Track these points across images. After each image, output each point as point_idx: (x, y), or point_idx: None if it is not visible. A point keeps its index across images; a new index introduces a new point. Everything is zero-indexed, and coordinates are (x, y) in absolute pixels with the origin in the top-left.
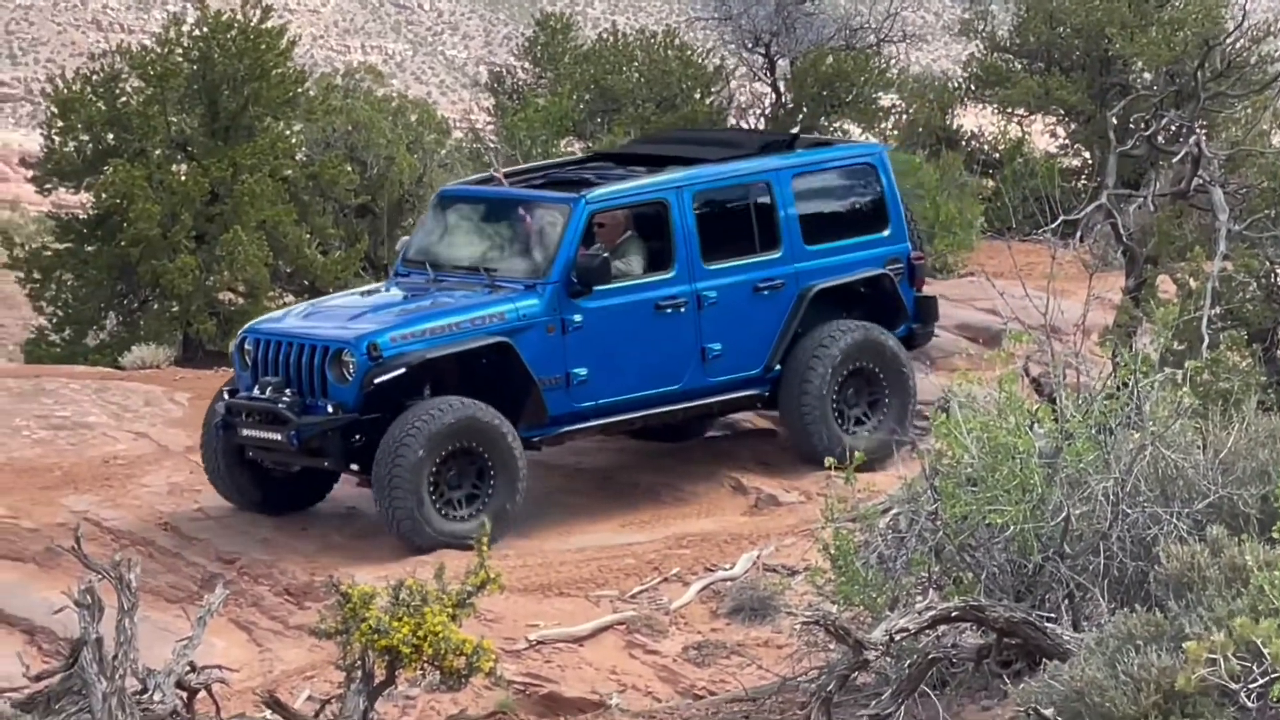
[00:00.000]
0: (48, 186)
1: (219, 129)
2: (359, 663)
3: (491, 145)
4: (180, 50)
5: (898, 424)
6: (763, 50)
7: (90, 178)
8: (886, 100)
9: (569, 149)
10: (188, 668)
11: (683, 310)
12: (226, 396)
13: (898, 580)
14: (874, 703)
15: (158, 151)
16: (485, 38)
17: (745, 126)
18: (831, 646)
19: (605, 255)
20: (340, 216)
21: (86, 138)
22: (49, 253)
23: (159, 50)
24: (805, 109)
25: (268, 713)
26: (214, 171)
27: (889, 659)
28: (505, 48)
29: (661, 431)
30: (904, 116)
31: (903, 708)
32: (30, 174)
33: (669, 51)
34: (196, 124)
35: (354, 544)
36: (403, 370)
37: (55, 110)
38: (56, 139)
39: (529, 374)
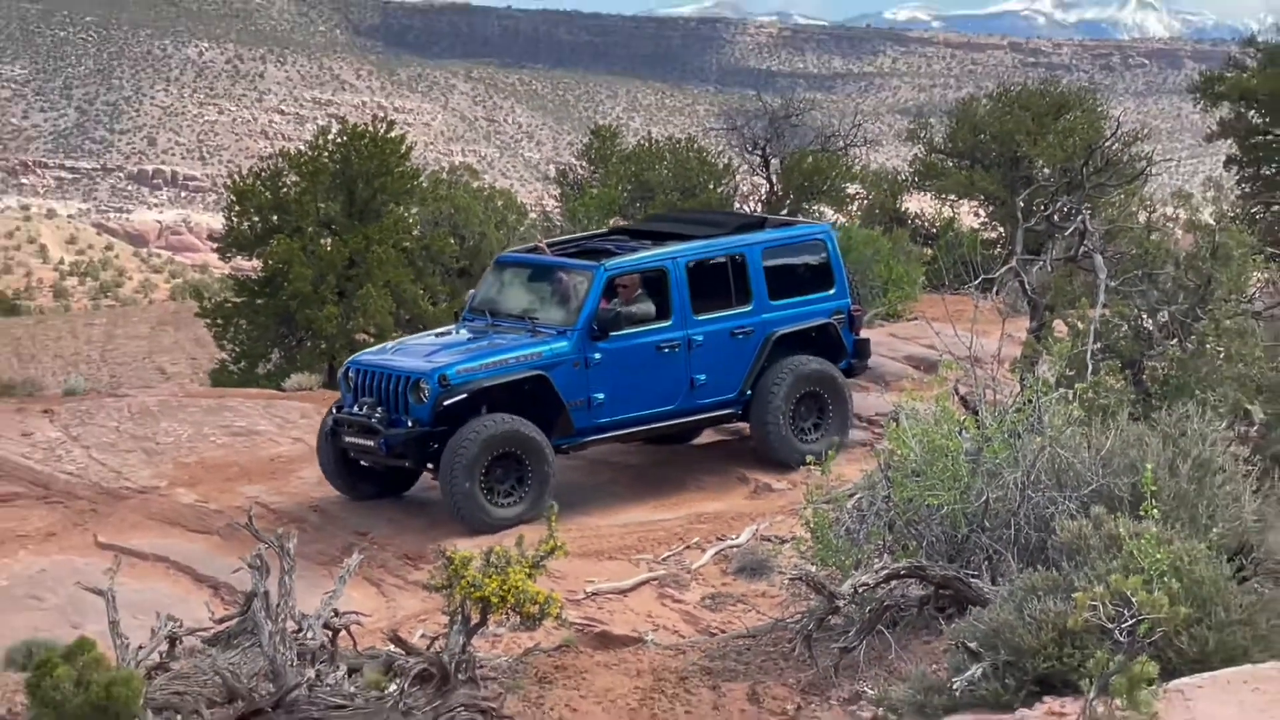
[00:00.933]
0: (228, 255)
1: (355, 211)
2: (459, 609)
3: (557, 224)
4: (327, 154)
5: (839, 432)
6: (760, 152)
7: (259, 248)
8: (852, 189)
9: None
10: (332, 613)
11: (677, 350)
12: (334, 412)
13: (860, 547)
14: (843, 638)
15: (310, 229)
16: (554, 143)
17: (746, 209)
18: (811, 597)
19: (617, 311)
20: (445, 277)
21: (257, 219)
22: (229, 304)
23: (311, 154)
24: (791, 195)
25: (391, 646)
26: (351, 244)
27: (854, 606)
28: (568, 151)
29: (662, 439)
30: (865, 201)
31: (864, 642)
32: (215, 245)
33: (690, 153)
34: (338, 208)
35: (455, 523)
36: (465, 395)
37: (234, 198)
38: (234, 219)
39: (559, 398)
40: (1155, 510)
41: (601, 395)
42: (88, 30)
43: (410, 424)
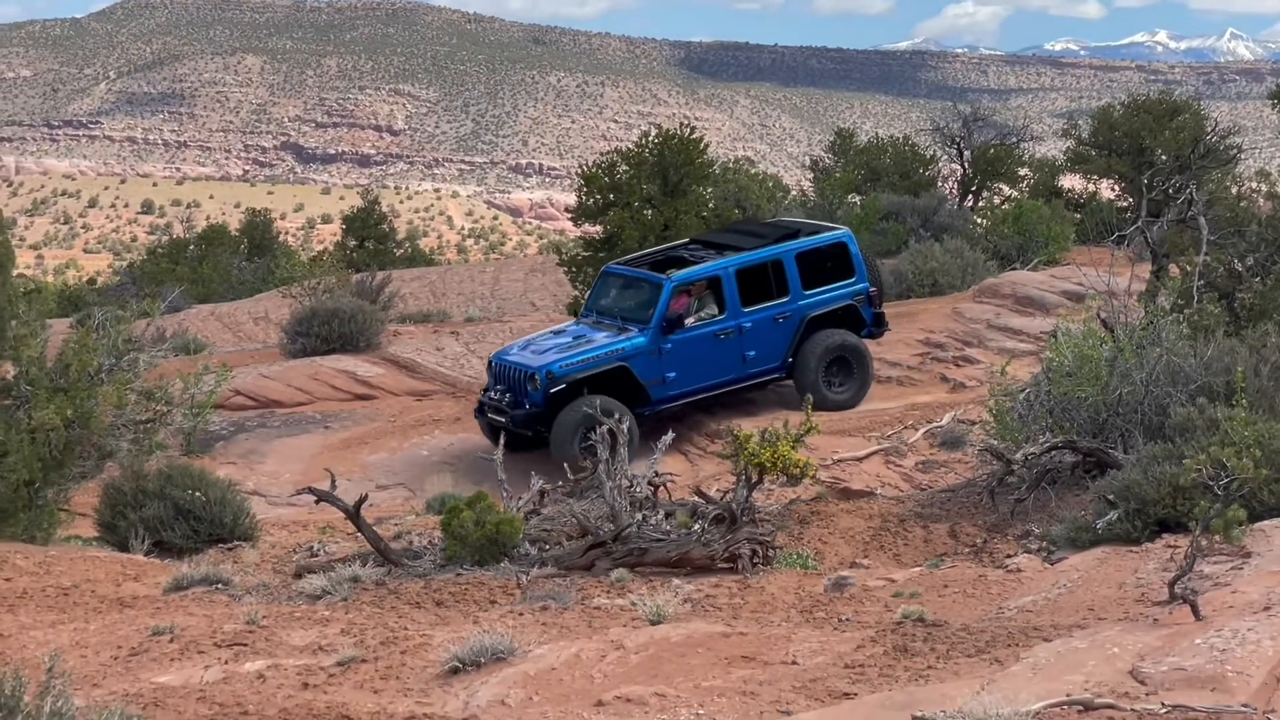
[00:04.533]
0: (579, 222)
1: (668, 191)
2: (743, 472)
3: (810, 199)
4: (648, 150)
5: (862, 384)
6: (956, 146)
7: (601, 218)
8: (1023, 171)
9: (851, 200)
10: (654, 473)
11: (731, 336)
12: (481, 394)
13: (1029, 427)
14: (1016, 492)
15: (636, 204)
16: (808, 141)
17: (945, 188)
18: (993, 463)
19: (680, 314)
20: None
21: (599, 196)
22: (580, 257)
23: (637, 150)
24: (979, 177)
25: (695, 497)
26: (665, 214)
27: (1024, 469)
28: (819, 146)
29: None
30: (1031, 180)
31: (1031, 495)
32: (570, 216)
33: (906, 147)
34: (656, 189)
35: (742, 407)
36: (565, 385)
37: (583, 182)
38: (583, 197)
39: (638, 381)
40: (1244, 400)
41: (673, 374)
42: (480, 64)
43: (528, 407)
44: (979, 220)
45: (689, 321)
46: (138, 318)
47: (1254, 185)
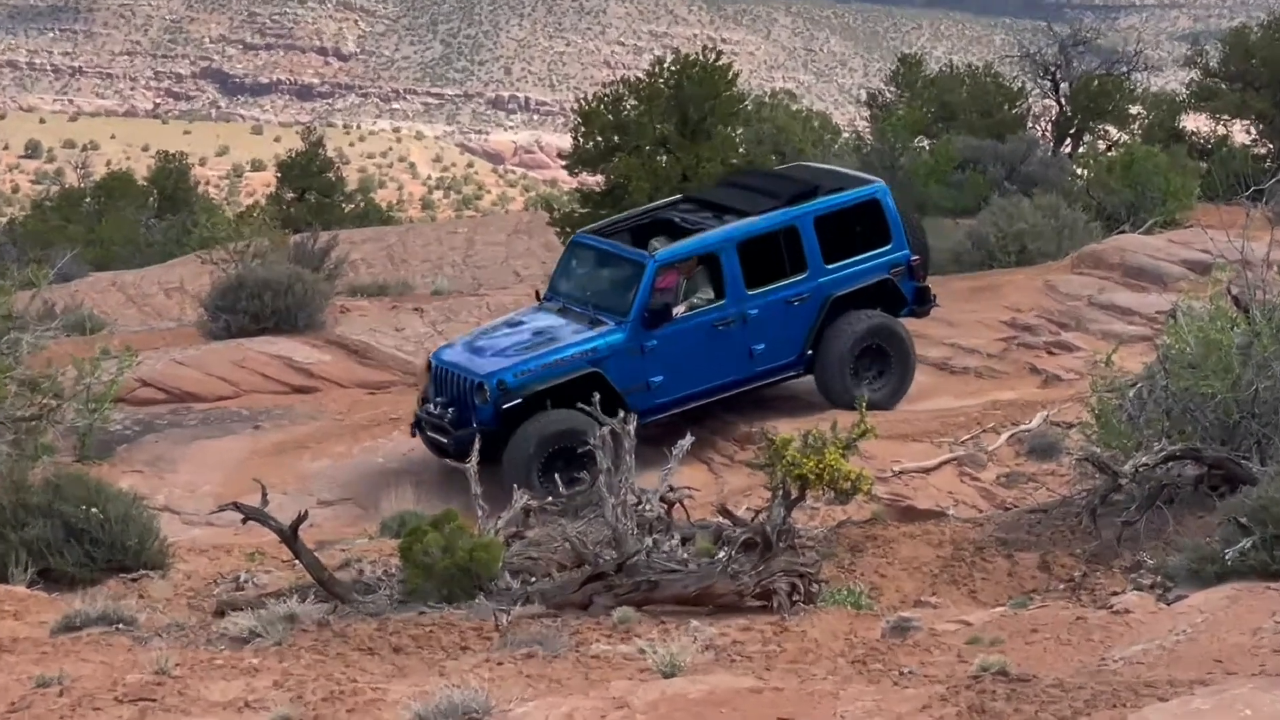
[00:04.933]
0: (575, 171)
1: (688, 132)
2: (780, 485)
3: (869, 143)
4: (662, 80)
5: (901, 378)
6: (1050, 77)
7: (603, 165)
8: (1134, 110)
9: (920, 145)
10: (668, 488)
11: (732, 326)
12: (418, 404)
13: (1140, 431)
14: (1124, 513)
15: (647, 147)
16: (864, 70)
17: (1037, 130)
18: (1096, 476)
19: (666, 302)
20: None
21: (600, 139)
22: (576, 215)
23: (648, 81)
24: (1079, 117)
25: (720, 518)
26: (684, 161)
27: (1134, 484)
28: (878, 76)
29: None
30: (1145, 121)
31: (1144, 516)
32: (563, 163)
33: (987, 79)
34: (673, 129)
35: (775, 405)
36: (521, 399)
37: (580, 120)
38: (580, 140)
39: (614, 389)
40: None
41: (659, 378)
42: None
43: (475, 425)
44: (1079, 171)
45: (678, 311)
46: (19, 288)
47: None
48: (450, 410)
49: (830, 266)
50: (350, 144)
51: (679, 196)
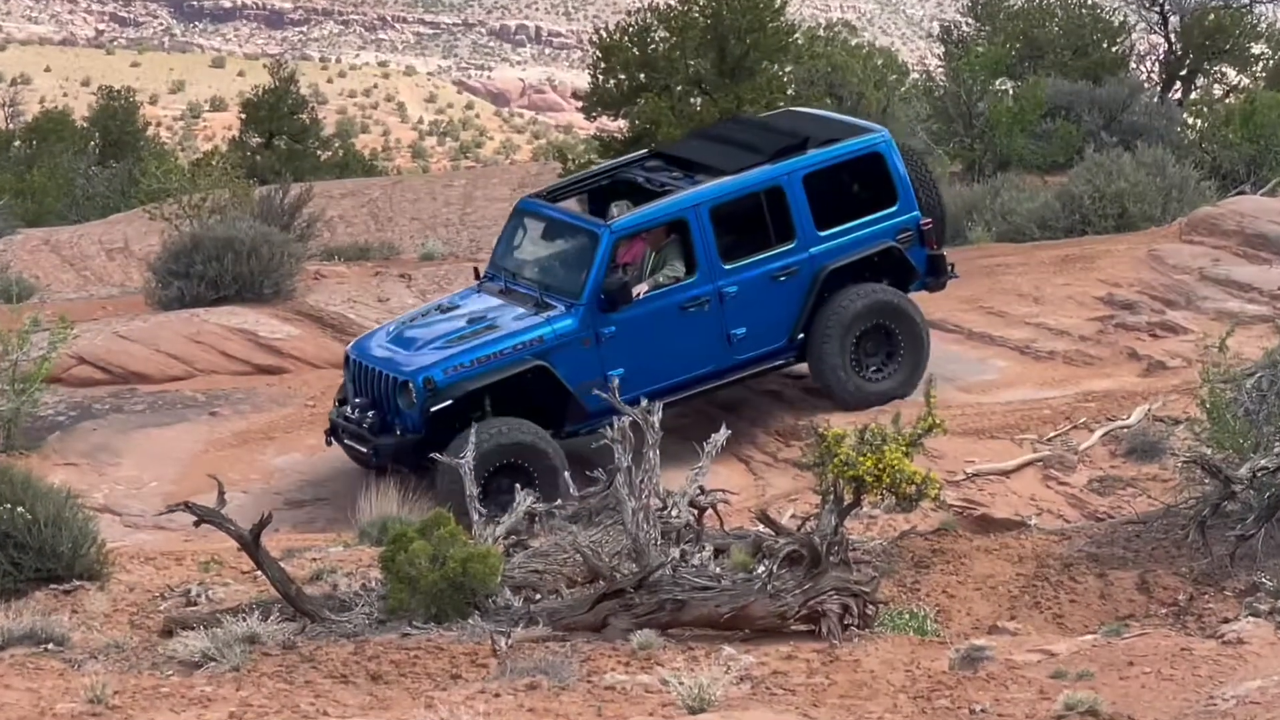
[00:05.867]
0: (593, 114)
1: (726, 70)
2: (832, 489)
3: (940, 85)
4: (697, 7)
5: (912, 366)
6: (1158, 8)
7: (626, 107)
8: (1257, 49)
9: (1002, 88)
10: (698, 490)
11: (706, 306)
12: (336, 404)
13: (1260, 429)
14: (1239, 526)
15: (679, 87)
16: None
17: (1142, 71)
18: (1206, 481)
19: (625, 280)
20: None
21: (623, 76)
22: (595, 164)
23: (680, 7)
24: (1191, 56)
25: (760, 526)
26: (722, 104)
27: (1252, 491)
28: (954, 6)
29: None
30: (1271, 62)
31: (1262, 530)
32: (579, 105)
33: (1082, 10)
34: (709, 66)
35: (830, 399)
36: (452, 401)
37: (600, 55)
38: (600, 78)
39: (565, 387)
40: None
41: (619, 371)
42: None
43: (399, 432)
44: (1190, 121)
45: (640, 291)
46: None
47: None
48: (371, 414)
49: (823, 234)
50: (328, 80)
51: (645, 152)
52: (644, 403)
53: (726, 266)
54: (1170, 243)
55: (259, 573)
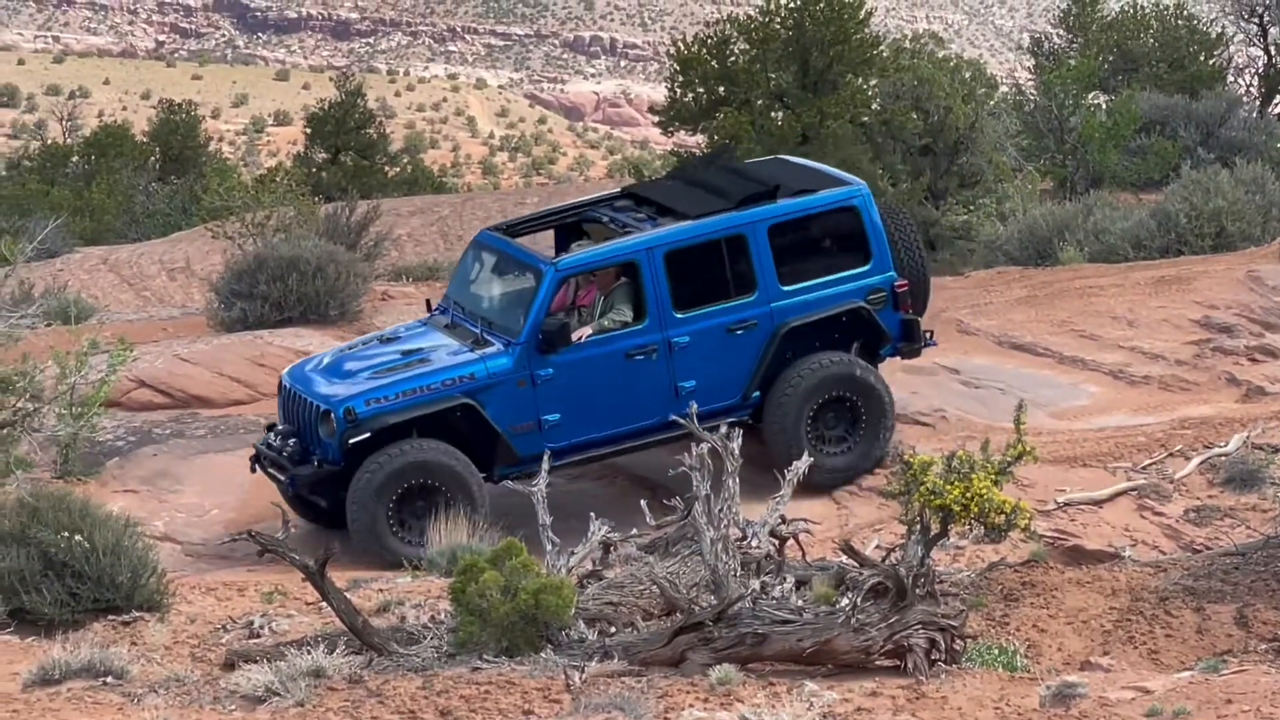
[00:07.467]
0: (670, 129)
1: (809, 83)
2: (918, 518)
3: (1031, 98)
4: (778, 19)
5: (871, 443)
6: (1257, 20)
7: (704, 122)
8: None
9: (1095, 102)
10: (779, 520)
11: (654, 356)
12: (265, 430)
13: None
14: None
15: (759, 101)
16: (1028, 9)
17: (1240, 84)
18: None
19: (565, 321)
20: (907, 155)
21: (702, 90)
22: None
23: (761, 19)
24: None
25: (843, 557)
26: (805, 118)
27: None
28: (1044, 18)
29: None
30: None
31: None
32: (656, 119)
33: (1179, 21)
34: (791, 79)
35: (914, 426)
36: (369, 435)
37: (677, 67)
38: (678, 91)
39: (493, 427)
40: None
41: (555, 416)
42: None
43: (316, 463)
44: None
45: (581, 335)
46: None
47: None
48: (292, 442)
49: (787, 288)
50: (396, 94)
51: (618, 190)
52: (723, 429)
53: (679, 315)
54: (1270, 263)
55: (324, 604)
